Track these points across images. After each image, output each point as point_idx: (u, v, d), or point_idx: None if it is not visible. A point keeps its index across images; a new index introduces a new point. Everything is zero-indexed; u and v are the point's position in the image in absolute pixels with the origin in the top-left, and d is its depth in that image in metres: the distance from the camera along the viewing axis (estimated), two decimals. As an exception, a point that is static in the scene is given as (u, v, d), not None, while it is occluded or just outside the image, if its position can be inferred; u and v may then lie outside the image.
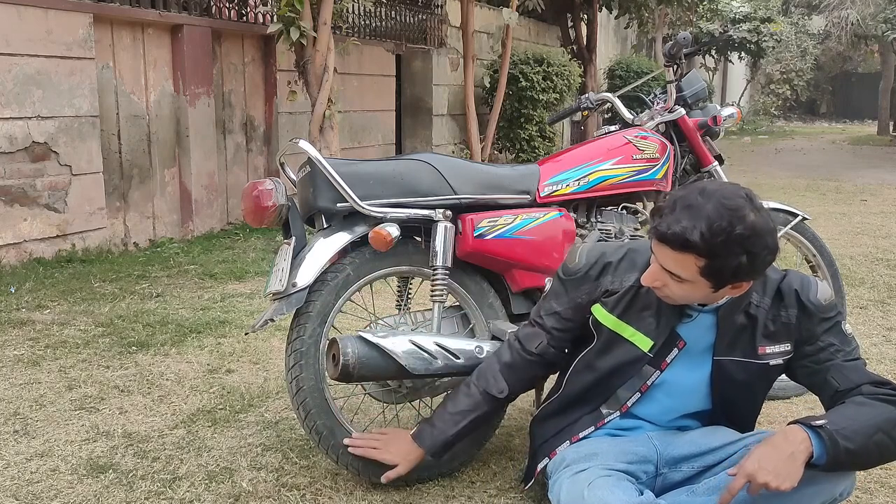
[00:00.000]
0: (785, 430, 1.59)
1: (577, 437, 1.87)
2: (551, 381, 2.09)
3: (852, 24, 21.00)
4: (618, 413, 1.87)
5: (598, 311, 1.86)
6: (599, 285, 1.86)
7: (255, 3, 6.41)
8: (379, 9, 8.07)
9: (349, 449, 2.09)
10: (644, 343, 1.80)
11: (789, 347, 1.80)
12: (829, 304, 1.80)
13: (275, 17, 5.72)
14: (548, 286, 2.04)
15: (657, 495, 1.74)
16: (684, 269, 1.63)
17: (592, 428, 1.88)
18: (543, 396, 2.09)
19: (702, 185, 1.65)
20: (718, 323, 1.78)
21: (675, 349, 1.80)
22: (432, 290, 2.23)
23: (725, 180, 2.75)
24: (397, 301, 2.52)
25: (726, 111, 2.79)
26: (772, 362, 1.79)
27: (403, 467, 2.01)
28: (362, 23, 7.82)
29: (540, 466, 1.91)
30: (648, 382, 1.83)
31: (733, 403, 1.85)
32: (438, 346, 2.11)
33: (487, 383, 1.95)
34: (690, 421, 1.89)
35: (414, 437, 2.00)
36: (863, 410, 1.64)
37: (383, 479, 2.02)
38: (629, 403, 1.85)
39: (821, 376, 1.77)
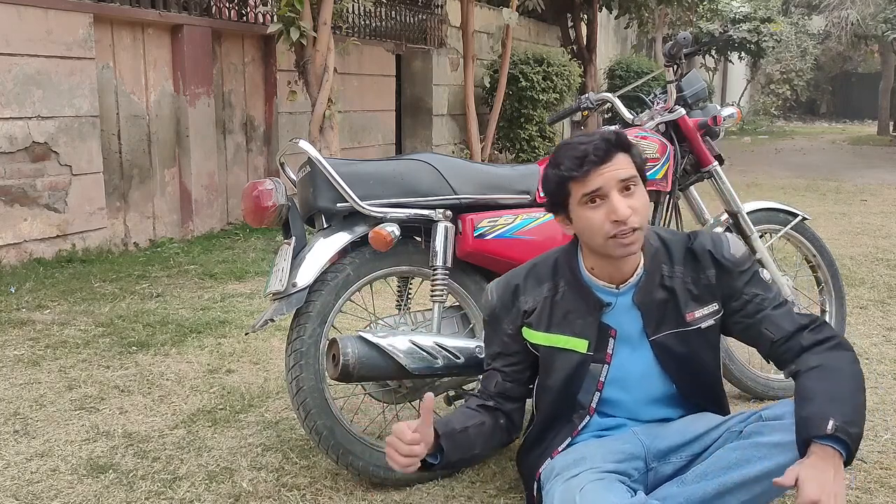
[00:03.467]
0: (817, 452, 1.54)
1: (557, 452, 1.86)
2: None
3: (852, 24, 20.99)
4: (588, 418, 1.86)
5: (528, 334, 1.89)
6: (518, 310, 1.89)
7: (255, 3, 6.41)
8: (379, 9, 8.07)
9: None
10: (580, 345, 1.82)
11: (717, 307, 1.83)
12: (744, 256, 1.84)
13: (275, 17, 5.72)
14: None
15: (651, 489, 1.74)
16: (631, 167, 1.72)
17: (569, 439, 1.87)
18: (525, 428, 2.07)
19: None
20: (639, 307, 1.80)
21: (611, 339, 1.82)
22: (432, 290, 2.23)
23: (726, 180, 2.76)
24: (397, 301, 2.52)
25: (726, 111, 2.79)
26: (703, 325, 1.82)
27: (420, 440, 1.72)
28: (362, 23, 7.82)
29: (535, 490, 1.91)
30: (601, 379, 1.83)
31: (689, 377, 1.85)
32: (438, 346, 2.11)
33: (477, 401, 1.92)
34: (669, 410, 1.88)
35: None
36: (838, 380, 1.63)
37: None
38: (594, 405, 1.86)
39: (755, 329, 1.80)
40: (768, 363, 1.88)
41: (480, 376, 2.07)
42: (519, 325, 1.89)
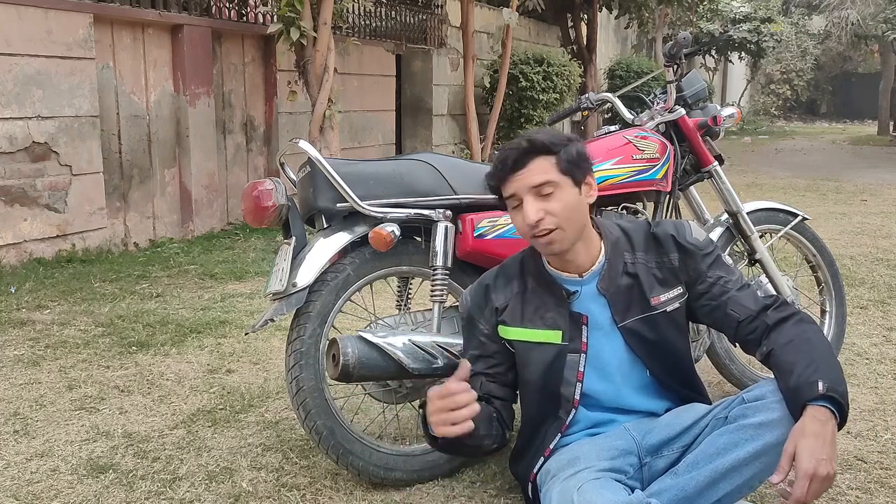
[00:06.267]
0: (811, 414, 1.56)
1: (549, 450, 1.88)
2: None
3: (852, 24, 20.99)
4: (574, 411, 1.88)
5: (503, 331, 1.92)
6: (491, 308, 1.94)
7: (255, 3, 6.41)
8: (379, 9, 8.07)
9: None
10: (555, 336, 1.86)
11: (681, 290, 1.88)
12: (706, 240, 1.90)
13: (275, 17, 5.72)
14: None
15: (647, 486, 1.75)
16: (548, 172, 1.76)
17: (559, 435, 1.88)
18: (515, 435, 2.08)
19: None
20: (604, 294, 1.85)
21: (583, 326, 1.85)
22: (432, 290, 2.23)
23: (726, 180, 2.76)
24: (397, 301, 2.52)
25: (726, 111, 2.79)
26: (669, 308, 1.86)
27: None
28: (362, 23, 7.82)
29: (529, 492, 1.92)
30: (580, 369, 1.86)
31: (660, 361, 1.88)
32: (438, 345, 2.11)
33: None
34: (651, 400, 1.89)
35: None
36: (811, 349, 1.67)
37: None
38: (577, 396, 1.87)
39: (721, 311, 1.85)
40: (735, 346, 1.91)
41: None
42: (494, 324, 1.93)
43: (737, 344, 1.89)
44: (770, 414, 1.63)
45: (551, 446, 1.88)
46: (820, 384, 1.58)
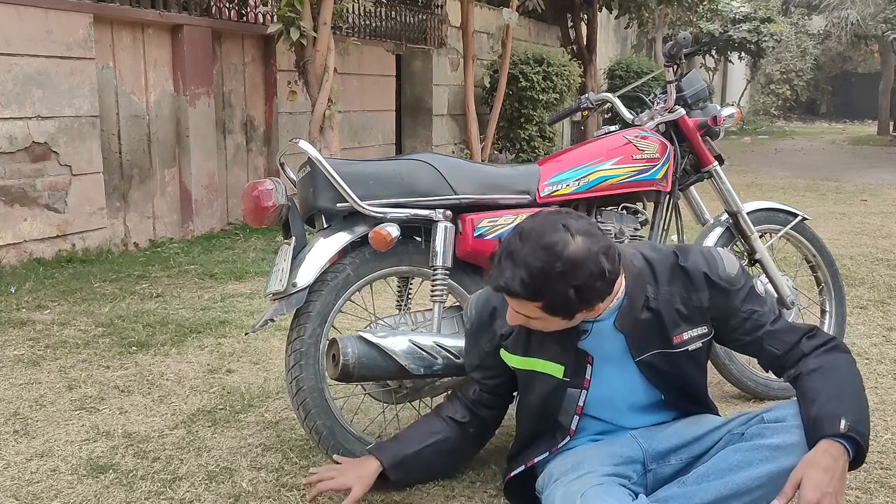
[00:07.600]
0: (825, 448, 1.55)
1: (532, 462, 1.89)
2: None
3: (852, 24, 21.00)
4: (568, 437, 1.86)
5: (505, 356, 1.91)
6: (494, 331, 1.91)
7: (255, 3, 6.41)
8: (379, 9, 8.07)
9: (305, 490, 2.00)
10: (556, 370, 1.81)
11: (706, 329, 1.81)
12: (738, 273, 1.80)
13: (275, 17, 5.72)
14: None
15: (651, 491, 1.74)
16: (529, 311, 1.66)
17: (547, 453, 1.88)
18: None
19: (522, 227, 1.66)
20: (622, 331, 1.76)
21: (588, 365, 1.79)
22: (432, 290, 2.23)
23: (726, 180, 2.76)
24: (397, 301, 2.52)
25: (726, 111, 2.79)
26: (690, 347, 1.80)
27: (359, 488, 1.92)
28: (362, 23, 7.82)
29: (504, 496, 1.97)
30: (580, 403, 1.82)
31: (675, 389, 1.85)
32: (438, 346, 2.11)
33: (449, 410, 2.03)
34: (658, 415, 1.88)
35: (371, 451, 2.01)
36: (839, 380, 1.65)
37: None
38: (573, 427, 1.84)
39: (756, 345, 1.80)
40: (767, 372, 1.89)
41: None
42: (496, 345, 1.92)
43: (769, 370, 1.86)
44: (789, 437, 1.61)
45: (536, 461, 1.89)
46: (842, 422, 1.55)
